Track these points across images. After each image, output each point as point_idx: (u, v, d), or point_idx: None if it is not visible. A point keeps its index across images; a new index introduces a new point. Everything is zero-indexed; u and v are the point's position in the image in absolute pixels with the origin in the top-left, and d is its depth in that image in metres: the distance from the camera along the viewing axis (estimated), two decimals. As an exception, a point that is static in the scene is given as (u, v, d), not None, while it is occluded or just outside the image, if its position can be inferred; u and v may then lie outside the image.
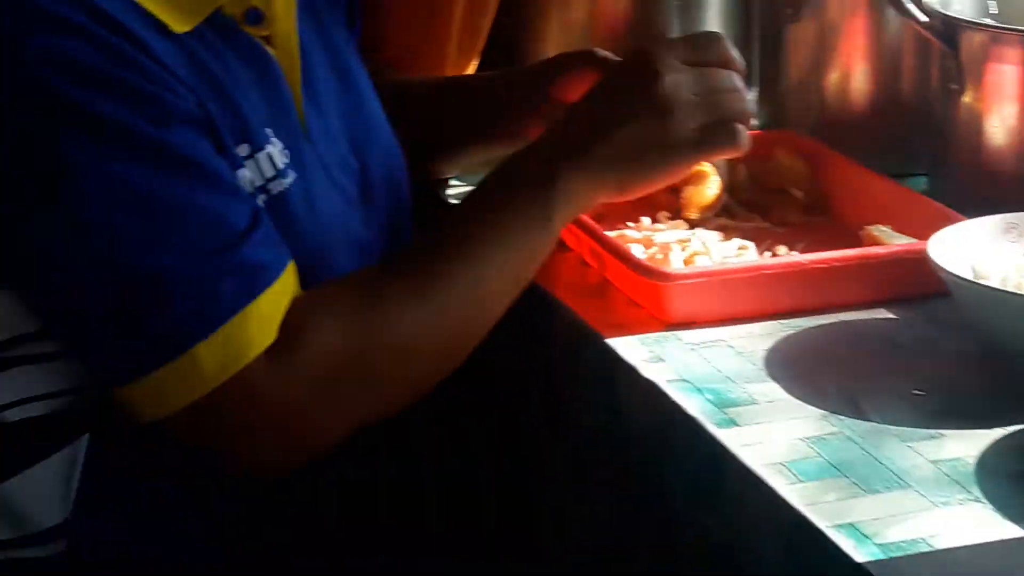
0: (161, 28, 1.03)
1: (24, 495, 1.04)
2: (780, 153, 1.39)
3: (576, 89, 1.22)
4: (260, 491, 1.07)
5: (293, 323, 1.01)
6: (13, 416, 1.04)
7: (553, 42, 1.57)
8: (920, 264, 1.10)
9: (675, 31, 1.60)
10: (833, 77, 1.49)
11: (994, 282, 1.08)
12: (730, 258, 1.23)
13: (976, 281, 1.06)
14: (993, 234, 1.14)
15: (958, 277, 1.06)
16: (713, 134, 1.11)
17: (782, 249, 1.26)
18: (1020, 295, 1.04)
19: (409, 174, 1.27)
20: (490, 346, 1.09)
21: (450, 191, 1.42)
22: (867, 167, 1.35)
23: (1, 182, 0.98)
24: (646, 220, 1.31)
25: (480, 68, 1.54)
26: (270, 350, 1.00)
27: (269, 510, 1.10)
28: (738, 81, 1.13)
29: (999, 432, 1.00)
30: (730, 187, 1.36)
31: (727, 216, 1.34)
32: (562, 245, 1.28)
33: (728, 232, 1.30)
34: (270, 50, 1.12)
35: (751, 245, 1.27)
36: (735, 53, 1.14)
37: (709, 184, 1.31)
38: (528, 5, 1.61)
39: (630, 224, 1.30)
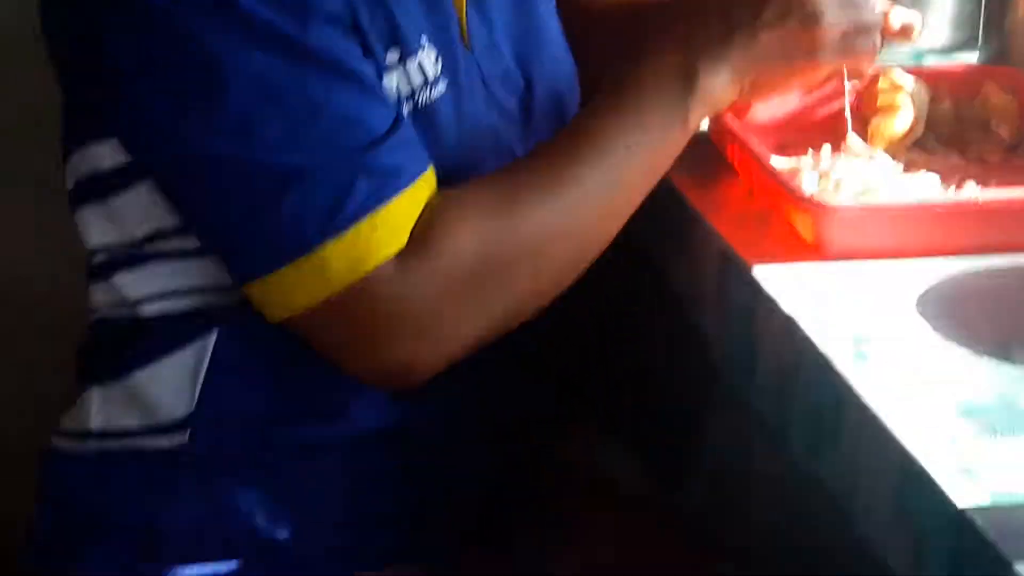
0: None
1: (153, 386, 1.07)
2: (990, 88, 1.31)
3: None
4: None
5: (424, 228, 1.00)
6: (150, 310, 1.08)
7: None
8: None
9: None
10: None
11: None
12: (903, 192, 1.16)
13: None
14: None
15: None
16: (853, 42, 1.09)
17: (970, 184, 1.18)
18: None
19: (582, 95, 1.24)
20: (631, 269, 1.06)
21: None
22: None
23: (154, 76, 1.00)
24: (827, 149, 1.24)
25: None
26: (401, 255, 0.99)
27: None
28: None
29: None
30: (930, 120, 1.29)
31: (921, 150, 1.27)
32: (731, 171, 1.23)
33: (916, 166, 1.23)
34: None
35: (935, 178, 1.19)
36: None
37: (899, 116, 1.24)
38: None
39: (809, 153, 1.24)
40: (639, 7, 1.38)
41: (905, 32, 1.19)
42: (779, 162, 1.21)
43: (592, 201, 1.05)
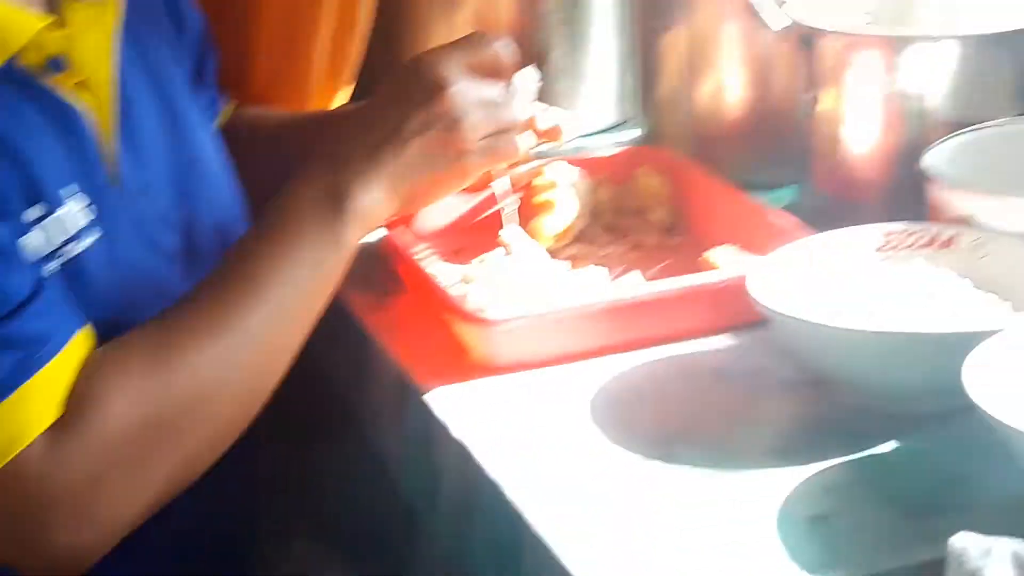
0: None
1: None
2: (641, 171, 1.35)
3: None
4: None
5: (77, 395, 0.96)
6: None
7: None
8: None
9: (558, 45, 1.58)
10: (705, 89, 1.45)
11: (813, 306, 1.04)
12: (572, 292, 1.19)
13: (784, 313, 1.02)
14: (826, 251, 1.11)
15: (768, 308, 1.02)
16: (497, 142, 1.09)
17: (635, 275, 1.22)
18: (827, 325, 1.00)
19: (248, 222, 1.24)
20: (308, 394, 1.07)
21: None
22: (740, 180, 1.32)
23: None
24: (498, 252, 1.27)
25: (355, 98, 1.51)
26: (52, 428, 0.95)
27: None
28: (507, 92, 1.11)
29: (811, 468, 0.97)
30: (593, 211, 1.33)
31: (586, 242, 1.31)
32: (403, 286, 1.25)
33: (581, 261, 1.27)
34: (79, 101, 1.08)
35: (603, 271, 1.23)
36: (505, 48, 1.11)
37: (556, 213, 1.28)
38: (404, 29, 1.60)
39: (480, 259, 1.26)
40: (298, 123, 1.38)
41: (552, 134, 1.21)
42: (449, 271, 1.22)
43: (254, 340, 1.02)
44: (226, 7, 1.45)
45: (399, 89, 1.11)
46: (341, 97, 1.51)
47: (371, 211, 1.07)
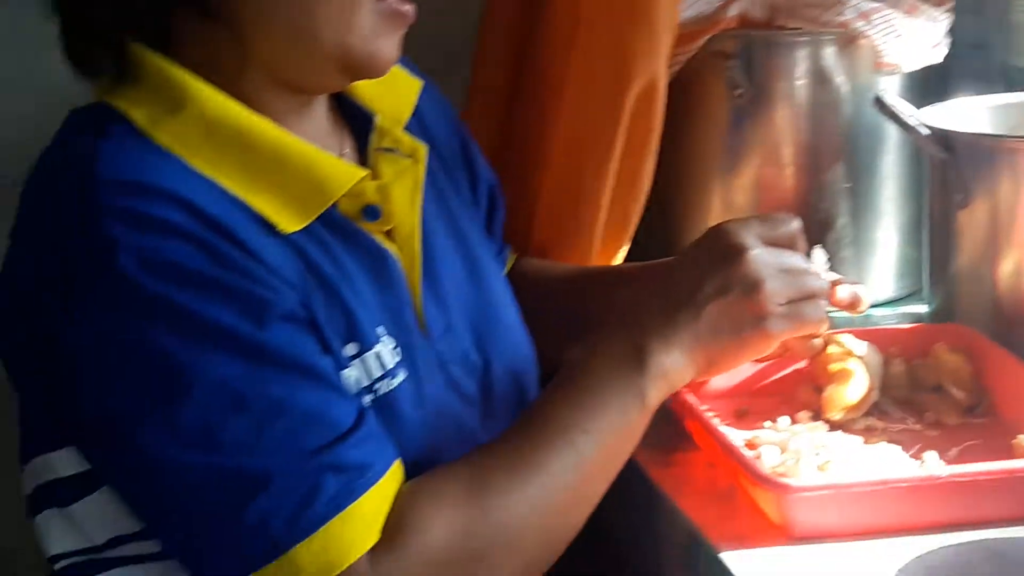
0: (268, 226, 1.03)
1: None
2: (940, 348, 1.31)
3: None
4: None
5: (395, 522, 0.99)
6: None
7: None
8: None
9: (843, 214, 1.56)
10: (1007, 266, 1.40)
11: None
12: (865, 466, 1.15)
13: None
14: None
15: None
16: (800, 308, 1.10)
17: (931, 455, 1.17)
18: None
19: (540, 369, 1.23)
20: (602, 551, 1.04)
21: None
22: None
23: (113, 383, 0.98)
24: (784, 420, 1.24)
25: (632, 256, 1.50)
26: (373, 550, 0.98)
27: None
28: (807, 262, 1.13)
29: None
30: (884, 384, 1.29)
31: (878, 416, 1.27)
32: (692, 444, 1.22)
33: (875, 435, 1.22)
34: (389, 246, 1.11)
35: (897, 450, 1.18)
36: (802, 236, 1.14)
37: (852, 383, 1.24)
38: (681, 193, 1.59)
39: (767, 424, 1.23)
40: (581, 279, 1.39)
41: (852, 305, 1.19)
42: (737, 435, 1.20)
43: (559, 486, 1.04)
44: (516, 164, 1.50)
45: (699, 253, 1.12)
46: (618, 255, 1.51)
47: (671, 372, 1.08)
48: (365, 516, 0.98)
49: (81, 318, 0.98)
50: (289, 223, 1.04)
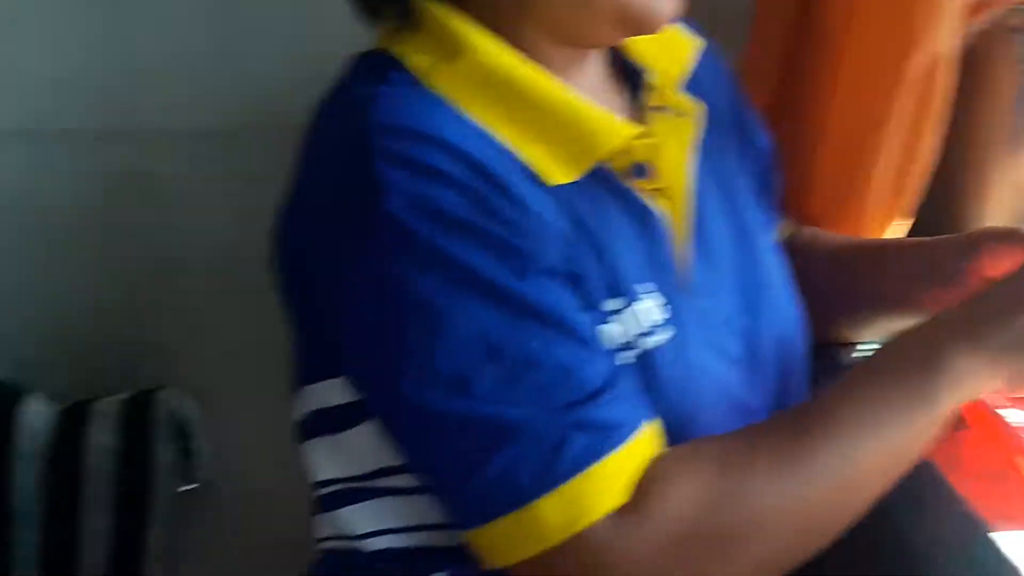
0: (537, 178, 1.03)
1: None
2: None
3: (998, 268, 1.15)
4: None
5: (645, 486, 0.98)
6: (373, 545, 1.07)
7: (995, 207, 1.48)
8: None
9: None
10: None
11: None
12: None
13: None
14: None
15: None
16: None
17: None
18: None
19: (807, 336, 1.21)
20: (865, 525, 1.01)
21: (856, 355, 1.34)
22: None
23: (363, 319, 1.00)
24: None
25: (914, 232, 1.46)
26: (619, 512, 0.97)
27: None
28: None
29: None
30: None
31: None
32: (961, 421, 1.18)
33: None
34: (659, 203, 1.10)
35: None
36: None
37: None
38: (965, 170, 1.54)
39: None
40: (851, 250, 1.36)
41: None
42: (1014, 414, 1.16)
43: (823, 481, 0.99)
44: (792, 133, 1.46)
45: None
46: (895, 228, 1.47)
47: (968, 379, 1.01)
48: (612, 475, 0.97)
49: (348, 256, 0.99)
50: (559, 175, 1.04)
